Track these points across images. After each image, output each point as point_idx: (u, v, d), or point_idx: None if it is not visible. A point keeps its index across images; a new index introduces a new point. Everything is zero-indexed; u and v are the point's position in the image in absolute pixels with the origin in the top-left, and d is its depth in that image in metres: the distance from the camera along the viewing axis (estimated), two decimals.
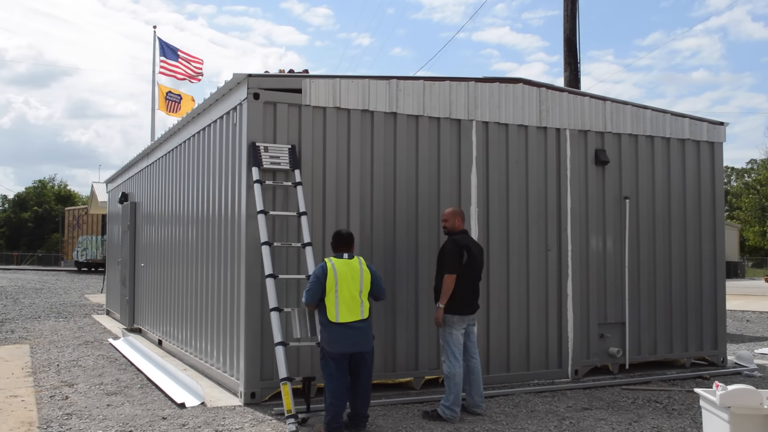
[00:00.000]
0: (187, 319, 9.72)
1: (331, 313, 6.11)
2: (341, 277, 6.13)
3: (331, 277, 6.11)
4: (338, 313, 6.09)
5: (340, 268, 6.17)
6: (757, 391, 5.15)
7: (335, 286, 6.11)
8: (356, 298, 6.16)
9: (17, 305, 19.13)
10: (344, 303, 6.11)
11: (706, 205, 9.99)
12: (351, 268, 6.21)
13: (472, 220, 8.46)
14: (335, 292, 6.11)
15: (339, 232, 6.55)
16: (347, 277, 6.15)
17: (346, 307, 6.11)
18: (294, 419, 6.22)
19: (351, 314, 6.12)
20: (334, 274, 6.12)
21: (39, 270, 47.98)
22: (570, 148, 9.07)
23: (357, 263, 6.28)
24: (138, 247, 13.75)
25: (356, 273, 6.21)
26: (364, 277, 6.24)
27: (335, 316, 6.09)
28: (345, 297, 6.12)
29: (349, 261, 6.26)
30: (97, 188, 33.39)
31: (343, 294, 6.12)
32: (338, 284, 6.11)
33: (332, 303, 6.11)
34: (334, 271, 6.14)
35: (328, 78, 7.79)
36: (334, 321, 6.09)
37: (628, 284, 9.27)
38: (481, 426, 6.55)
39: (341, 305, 6.10)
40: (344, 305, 6.11)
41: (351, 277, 6.17)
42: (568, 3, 15.30)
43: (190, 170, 9.88)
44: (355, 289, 6.16)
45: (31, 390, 8.02)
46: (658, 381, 8.84)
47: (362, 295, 6.20)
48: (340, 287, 6.11)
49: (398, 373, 7.93)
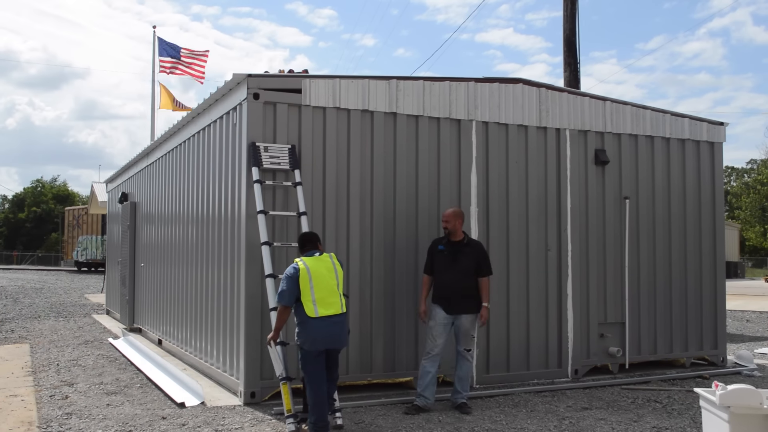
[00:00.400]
0: (187, 319, 9.72)
1: (309, 309, 6.07)
2: (315, 274, 6.11)
3: (304, 275, 6.09)
4: (317, 309, 6.07)
5: (312, 265, 6.16)
6: (756, 390, 5.15)
7: (309, 283, 6.08)
8: (334, 291, 6.18)
9: (17, 305, 19.13)
10: (321, 298, 6.09)
11: (706, 205, 9.99)
12: (325, 264, 6.23)
13: (472, 220, 8.46)
14: (310, 289, 6.08)
15: (304, 233, 6.68)
16: (322, 272, 6.16)
17: (324, 302, 6.10)
18: (293, 419, 6.23)
19: (329, 308, 6.11)
20: (307, 271, 6.11)
21: (39, 270, 47.97)
22: (570, 148, 9.07)
23: (329, 258, 6.31)
24: (138, 246, 13.75)
25: (330, 267, 6.23)
26: (338, 272, 6.27)
27: (314, 311, 6.06)
28: (322, 293, 6.11)
29: (320, 257, 6.28)
30: (96, 188, 33.38)
31: (320, 289, 6.10)
32: (312, 281, 6.09)
33: (309, 299, 6.07)
34: (307, 269, 6.12)
35: (327, 78, 7.79)
36: (313, 316, 6.05)
37: (628, 284, 9.28)
38: (481, 426, 6.55)
39: (319, 301, 6.08)
40: (321, 300, 6.09)
41: (327, 270, 6.19)
42: (567, 3, 15.31)
43: (190, 170, 9.88)
44: (332, 283, 6.18)
45: (31, 389, 8.02)
46: (658, 381, 8.84)
47: (339, 288, 6.23)
48: (315, 283, 6.09)
49: (398, 373, 7.93)
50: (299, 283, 6.09)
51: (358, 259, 7.80)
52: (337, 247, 7.68)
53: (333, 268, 6.24)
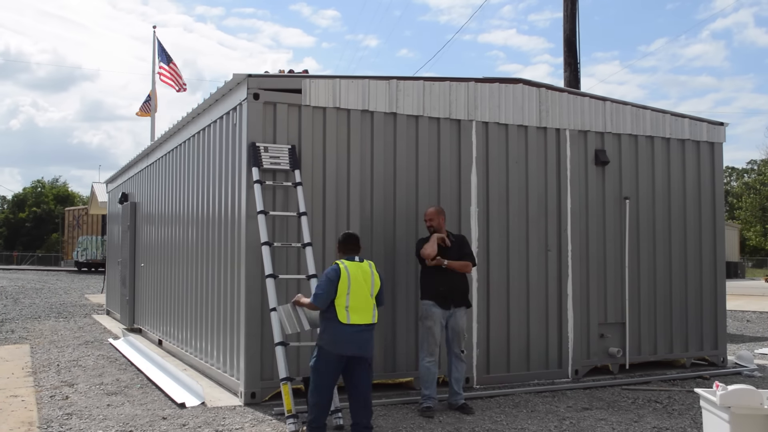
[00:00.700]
0: (188, 319, 9.72)
1: (342, 315, 5.90)
2: (354, 280, 5.95)
3: (344, 280, 5.92)
4: (349, 316, 5.90)
5: (353, 271, 5.99)
6: (757, 391, 5.15)
7: (348, 289, 5.92)
8: (369, 300, 6.01)
9: (17, 305, 19.13)
10: (355, 306, 5.93)
11: (706, 205, 9.99)
12: (363, 271, 6.05)
13: (472, 220, 8.46)
14: (347, 295, 5.92)
15: (349, 233, 6.36)
16: (360, 280, 5.98)
17: (357, 310, 5.94)
18: (294, 419, 6.23)
19: (362, 317, 5.95)
20: (347, 276, 5.93)
21: (39, 270, 47.97)
22: (570, 149, 9.07)
23: (368, 267, 6.13)
24: (138, 247, 13.76)
25: (368, 276, 6.05)
26: (375, 281, 6.09)
27: (346, 318, 5.89)
28: (357, 300, 5.94)
29: (360, 264, 6.10)
30: (97, 188, 33.35)
31: (355, 296, 5.94)
32: (350, 287, 5.92)
33: (342, 306, 5.91)
34: (347, 273, 5.95)
35: (327, 78, 7.79)
36: (345, 323, 5.89)
37: (628, 284, 9.27)
38: (481, 426, 6.55)
39: (352, 308, 5.92)
40: (355, 308, 5.93)
41: (363, 279, 6.01)
42: (568, 3, 15.32)
43: (190, 170, 9.88)
44: (367, 292, 6.01)
45: (32, 390, 8.02)
46: (659, 381, 8.84)
47: (373, 298, 6.06)
48: (352, 290, 5.93)
49: (398, 373, 7.93)
50: (338, 286, 5.92)
51: None
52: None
53: (371, 278, 6.07)
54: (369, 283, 6.04)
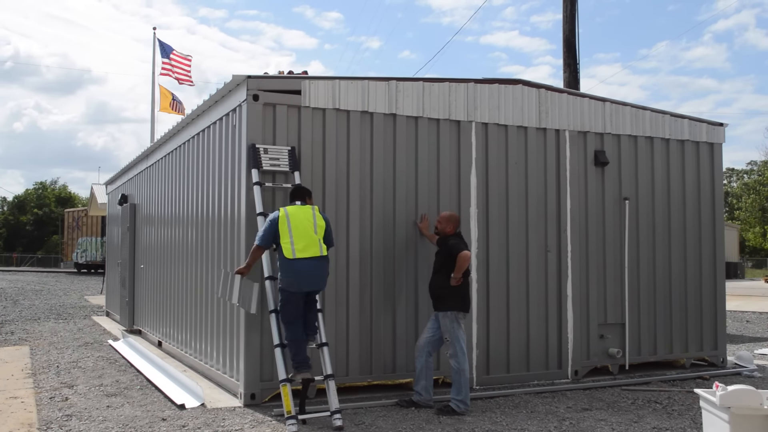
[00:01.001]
0: (187, 321, 9.72)
1: (288, 251, 6.46)
2: (294, 219, 6.54)
3: (284, 220, 6.53)
4: (294, 250, 6.45)
5: (292, 211, 6.61)
6: (757, 391, 5.15)
7: (288, 226, 6.50)
8: (312, 236, 6.54)
9: (17, 307, 19.12)
10: (299, 241, 6.47)
11: (705, 205, 9.99)
12: (304, 212, 6.64)
13: (472, 221, 8.46)
14: (289, 232, 6.49)
15: (295, 185, 7.03)
16: (300, 218, 6.56)
17: (302, 244, 6.48)
18: (294, 420, 6.22)
19: (308, 250, 6.48)
20: (286, 216, 6.55)
21: (38, 271, 47.96)
22: (569, 149, 9.08)
23: (310, 210, 6.68)
24: (138, 248, 13.75)
25: (309, 216, 6.62)
26: (317, 222, 6.63)
27: (291, 252, 6.45)
28: (300, 236, 6.49)
29: (302, 207, 6.69)
30: (96, 190, 33.38)
31: (298, 233, 6.50)
32: (291, 225, 6.51)
33: (287, 242, 6.47)
34: (286, 214, 6.57)
35: (327, 79, 7.79)
36: (291, 257, 6.44)
37: (627, 285, 9.28)
38: (481, 426, 6.55)
39: (297, 244, 6.46)
40: (300, 243, 6.47)
41: (305, 218, 6.58)
42: (567, 4, 15.33)
43: (190, 172, 9.88)
44: (310, 229, 6.54)
45: (31, 391, 8.01)
46: (658, 381, 8.84)
47: (318, 236, 6.58)
48: (294, 227, 6.50)
49: (398, 374, 7.92)
50: (278, 226, 6.51)
51: (357, 260, 7.79)
52: (337, 247, 7.68)
53: (312, 218, 6.61)
54: (311, 221, 6.59)
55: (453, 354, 7.14)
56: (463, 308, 7.26)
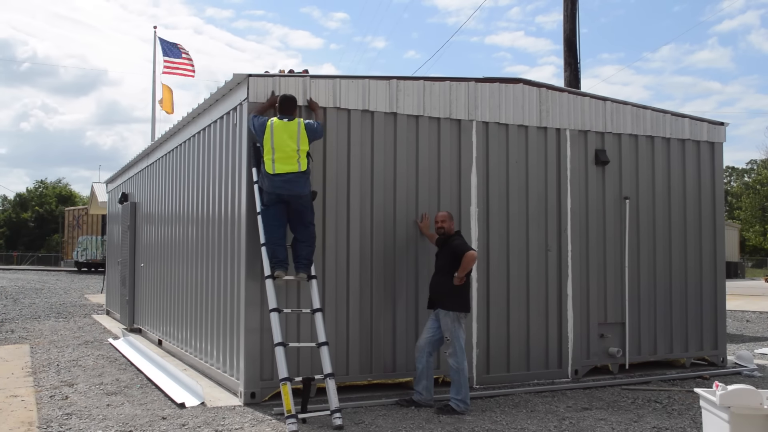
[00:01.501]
0: (187, 319, 9.72)
1: (269, 167, 6.84)
2: (277, 135, 6.82)
3: (268, 133, 6.84)
4: (274, 167, 6.81)
5: (278, 127, 6.87)
6: (757, 391, 5.15)
7: (271, 142, 6.82)
8: (293, 153, 6.83)
9: (17, 305, 19.13)
10: (280, 158, 6.80)
11: (706, 205, 9.99)
12: (288, 129, 6.88)
13: (472, 220, 8.46)
14: (272, 147, 6.81)
15: (285, 95, 7.17)
16: (283, 135, 6.83)
17: (282, 161, 6.81)
18: (294, 419, 6.22)
19: (287, 166, 6.82)
20: (270, 130, 6.85)
21: (39, 270, 47.97)
22: (570, 149, 9.07)
23: (296, 125, 6.92)
24: (138, 247, 13.75)
25: (294, 133, 6.87)
26: (301, 135, 6.89)
27: (272, 168, 6.82)
28: (281, 152, 6.80)
29: (288, 123, 6.92)
30: (97, 188, 33.40)
31: (280, 149, 6.80)
32: (274, 141, 6.81)
33: (269, 159, 6.83)
34: (271, 128, 6.86)
35: (328, 78, 7.78)
36: (270, 173, 6.81)
37: (628, 284, 9.27)
38: (481, 426, 6.55)
39: (277, 160, 6.80)
40: (280, 159, 6.80)
41: (288, 136, 6.84)
42: (568, 3, 15.31)
43: (190, 171, 9.88)
44: (293, 145, 6.83)
45: (31, 390, 8.01)
46: (658, 381, 8.84)
47: (299, 152, 6.86)
48: (276, 144, 6.80)
49: (398, 373, 7.92)
50: (263, 138, 6.87)
51: (358, 259, 7.79)
52: (337, 247, 7.68)
53: (296, 134, 6.88)
54: (294, 138, 6.86)
55: (452, 353, 7.14)
56: (465, 308, 7.29)
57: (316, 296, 7.06)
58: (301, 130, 6.93)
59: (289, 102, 7.12)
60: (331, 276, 7.64)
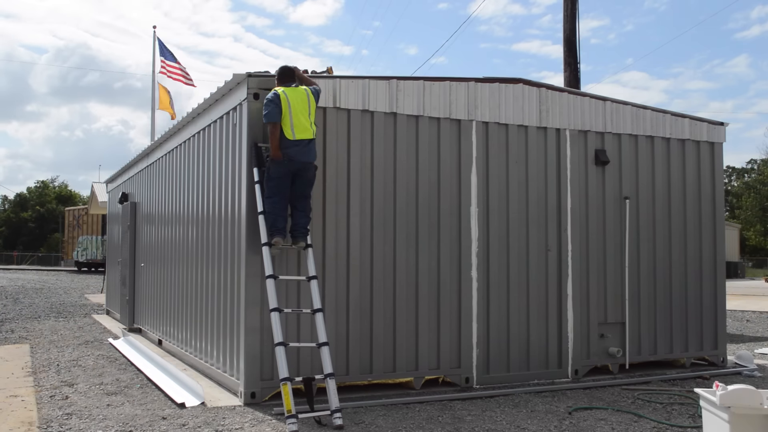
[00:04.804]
0: (187, 319, 9.72)
1: (288, 133, 7.02)
2: (292, 101, 7.05)
3: (285, 102, 7.02)
4: (294, 133, 7.02)
5: (291, 94, 7.09)
6: (757, 391, 5.15)
7: (288, 109, 7.02)
8: (307, 120, 7.09)
9: (17, 305, 19.14)
10: (297, 124, 7.03)
11: (706, 205, 9.99)
12: (299, 95, 7.12)
13: (472, 220, 8.46)
14: (289, 114, 7.03)
15: (284, 66, 7.39)
16: (297, 101, 7.08)
17: (299, 127, 7.04)
18: (294, 419, 6.22)
19: (303, 133, 7.06)
20: (287, 99, 7.04)
21: (39, 270, 47.98)
22: (570, 148, 9.07)
23: (303, 91, 7.17)
24: (138, 247, 13.76)
25: (304, 98, 7.13)
26: (310, 102, 7.15)
27: (291, 134, 7.01)
28: (297, 119, 7.03)
29: (296, 88, 7.17)
30: (97, 188, 33.40)
31: (296, 116, 7.03)
32: (291, 107, 7.03)
33: (288, 125, 7.03)
34: (286, 96, 7.05)
35: (327, 78, 7.78)
36: (291, 138, 7.01)
37: (628, 284, 9.27)
38: (482, 426, 6.55)
39: (296, 126, 7.03)
40: (297, 126, 7.03)
41: (301, 100, 7.09)
42: (568, 3, 15.31)
43: (191, 170, 9.88)
44: (306, 112, 7.09)
45: (31, 390, 8.02)
46: (658, 381, 8.84)
47: (311, 117, 7.12)
48: (293, 110, 7.03)
49: (398, 373, 7.93)
50: (281, 105, 7.01)
51: (358, 259, 7.79)
52: (337, 247, 7.68)
53: (306, 99, 7.13)
54: (305, 104, 7.12)
55: None
56: None
57: (316, 296, 7.06)
58: (310, 97, 7.19)
59: (290, 72, 7.37)
60: (331, 276, 7.64)
